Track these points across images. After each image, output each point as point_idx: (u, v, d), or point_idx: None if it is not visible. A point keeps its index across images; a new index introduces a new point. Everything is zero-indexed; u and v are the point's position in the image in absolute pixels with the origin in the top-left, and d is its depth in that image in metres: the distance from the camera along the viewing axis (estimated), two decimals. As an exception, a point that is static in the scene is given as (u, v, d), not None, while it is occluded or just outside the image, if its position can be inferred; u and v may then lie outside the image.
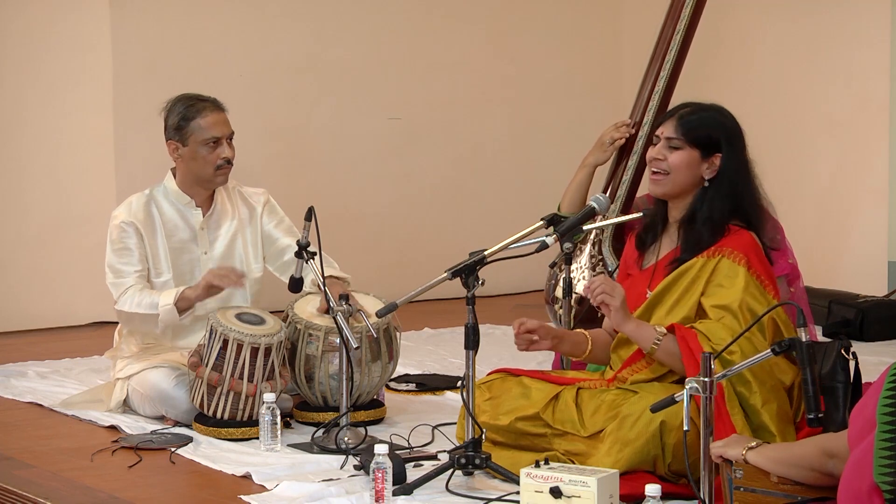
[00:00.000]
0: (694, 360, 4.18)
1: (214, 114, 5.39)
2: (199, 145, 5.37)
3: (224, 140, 5.38)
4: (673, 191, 4.46)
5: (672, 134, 4.44)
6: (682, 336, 4.27)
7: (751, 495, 3.67)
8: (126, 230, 5.39)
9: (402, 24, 8.54)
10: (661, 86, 5.88)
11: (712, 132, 4.43)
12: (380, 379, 5.23)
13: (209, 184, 5.44)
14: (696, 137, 4.42)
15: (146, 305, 5.29)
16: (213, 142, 5.36)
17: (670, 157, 4.44)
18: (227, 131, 5.40)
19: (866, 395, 3.31)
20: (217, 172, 5.40)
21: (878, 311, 7.17)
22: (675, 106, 4.60)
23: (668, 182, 4.44)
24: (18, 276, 7.60)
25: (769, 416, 4.21)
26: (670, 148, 4.44)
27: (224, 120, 5.41)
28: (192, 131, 5.37)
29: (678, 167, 4.43)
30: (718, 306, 4.31)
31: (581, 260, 5.84)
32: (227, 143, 5.40)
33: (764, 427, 4.20)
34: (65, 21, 7.61)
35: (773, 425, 4.20)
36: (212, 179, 5.42)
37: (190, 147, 5.37)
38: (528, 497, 3.94)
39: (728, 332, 4.23)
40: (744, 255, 4.34)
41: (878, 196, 7.88)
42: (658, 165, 4.45)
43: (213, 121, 5.37)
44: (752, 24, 8.48)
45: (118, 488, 4.45)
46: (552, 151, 8.84)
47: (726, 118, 4.49)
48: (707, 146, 4.42)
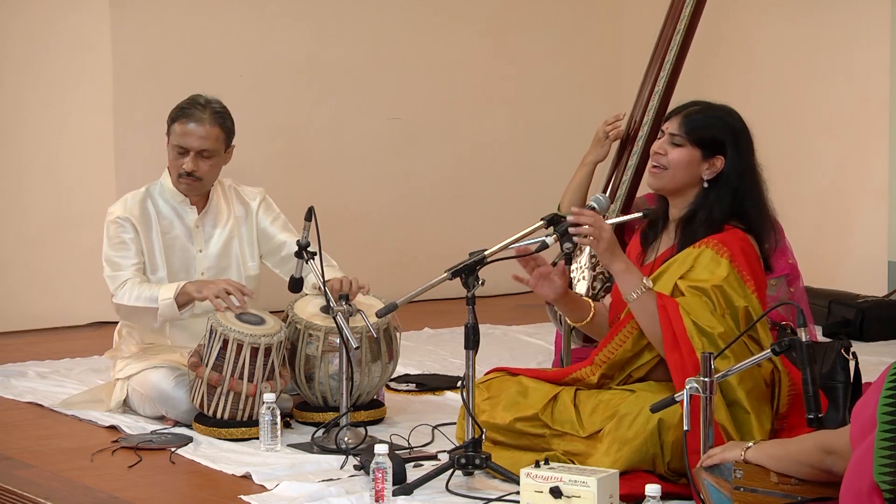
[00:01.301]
0: (671, 331, 4.19)
1: (195, 124, 5.31)
2: (170, 147, 5.38)
3: (192, 153, 5.32)
4: (668, 186, 4.46)
5: (676, 130, 4.44)
6: (663, 304, 4.27)
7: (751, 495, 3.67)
8: (123, 225, 5.38)
9: (402, 24, 8.53)
10: (661, 86, 5.88)
11: (717, 134, 4.43)
12: (380, 379, 5.23)
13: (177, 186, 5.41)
14: (699, 137, 4.42)
15: (145, 299, 5.28)
16: (180, 150, 5.34)
17: (671, 153, 4.44)
18: (196, 145, 5.31)
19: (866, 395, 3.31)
20: (179, 180, 5.38)
21: (878, 311, 7.17)
22: (686, 102, 4.59)
23: (664, 177, 4.45)
24: (18, 276, 7.59)
25: (743, 392, 4.20)
26: (672, 144, 4.44)
27: (204, 134, 5.31)
28: (171, 132, 5.37)
29: (677, 164, 4.43)
30: (694, 287, 4.30)
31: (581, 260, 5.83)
32: (194, 157, 5.31)
33: (738, 403, 4.20)
34: (65, 21, 7.60)
35: (748, 403, 4.20)
36: (177, 183, 5.40)
37: (168, 146, 5.39)
38: (528, 497, 3.94)
39: (706, 308, 4.23)
40: (728, 249, 4.34)
41: (878, 196, 7.87)
42: (658, 160, 4.46)
43: (187, 130, 5.32)
44: (752, 24, 8.48)
45: (118, 488, 4.45)
46: (552, 151, 8.84)
47: (734, 120, 4.48)
48: (710, 147, 4.42)
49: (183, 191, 5.40)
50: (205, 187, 5.42)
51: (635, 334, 4.38)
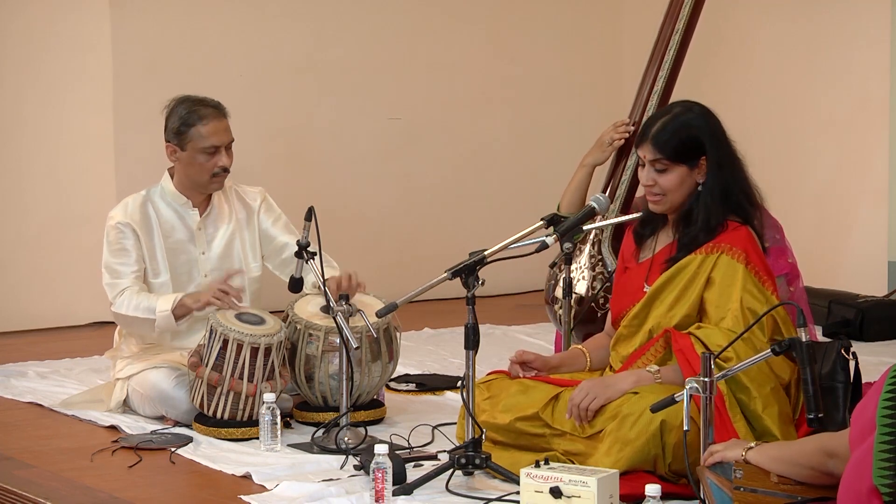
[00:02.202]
0: (691, 370, 4.18)
1: (215, 121, 5.34)
2: (197, 152, 5.35)
3: (223, 149, 5.35)
4: (673, 208, 4.45)
5: (653, 156, 4.40)
6: (679, 348, 4.26)
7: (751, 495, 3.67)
8: (123, 231, 5.38)
9: (402, 24, 8.54)
10: (660, 85, 5.88)
11: (688, 137, 4.38)
12: (380, 379, 5.23)
13: (204, 189, 5.42)
14: (676, 152, 4.37)
15: (143, 309, 5.28)
16: (211, 150, 5.34)
17: (660, 180, 4.41)
18: (226, 140, 5.36)
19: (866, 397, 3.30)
20: (213, 180, 5.38)
21: (878, 311, 7.17)
22: (644, 122, 4.53)
23: (666, 202, 4.43)
24: (18, 276, 7.60)
25: (771, 420, 4.20)
26: (657, 171, 4.41)
27: (225, 128, 5.37)
28: (191, 138, 5.34)
29: (671, 188, 4.41)
30: (719, 306, 4.30)
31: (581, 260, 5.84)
32: (226, 152, 5.36)
33: (767, 432, 4.19)
34: (65, 21, 7.61)
35: (777, 429, 4.19)
36: (207, 186, 5.40)
37: (188, 153, 5.35)
38: (528, 497, 3.94)
39: (725, 337, 4.22)
40: (742, 252, 4.34)
41: (877, 196, 7.88)
42: (651, 190, 4.44)
43: (213, 129, 5.34)
44: (752, 24, 8.48)
45: (118, 488, 4.45)
46: (552, 151, 8.84)
47: (696, 114, 4.43)
48: (691, 155, 4.38)
49: (214, 189, 5.42)
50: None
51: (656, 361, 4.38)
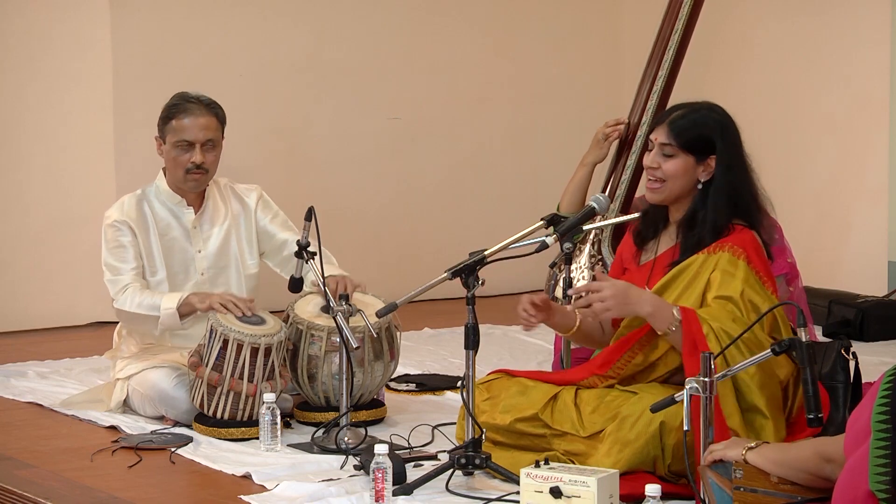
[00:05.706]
0: (690, 336, 4.16)
1: (195, 117, 5.31)
2: (172, 146, 5.34)
3: (198, 145, 5.30)
4: (669, 198, 4.45)
5: (665, 140, 4.42)
6: (686, 318, 4.22)
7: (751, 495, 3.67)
8: (120, 228, 5.38)
9: (402, 24, 8.53)
10: (660, 85, 5.88)
11: (704, 132, 4.40)
12: (381, 378, 5.24)
13: (182, 186, 5.39)
14: (688, 142, 4.40)
15: (147, 306, 5.28)
16: (184, 144, 5.32)
17: (665, 165, 4.42)
18: (201, 137, 5.31)
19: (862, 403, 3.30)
20: (187, 177, 5.35)
21: (878, 311, 7.17)
22: (668, 108, 4.58)
23: (664, 190, 4.44)
24: (18, 276, 7.59)
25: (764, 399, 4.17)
26: (664, 156, 4.42)
27: (204, 125, 5.32)
28: (169, 130, 5.34)
29: (673, 175, 4.41)
30: (721, 297, 4.30)
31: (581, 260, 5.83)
32: (201, 149, 5.31)
33: (755, 408, 4.17)
34: (65, 21, 7.60)
35: (766, 409, 4.18)
36: (183, 182, 5.37)
37: (167, 146, 5.36)
38: (528, 497, 3.94)
39: (729, 316, 4.22)
40: (743, 251, 4.34)
41: (877, 196, 7.88)
42: (653, 174, 4.44)
43: (190, 124, 5.31)
44: (752, 24, 8.48)
45: (118, 488, 4.46)
46: (552, 151, 8.84)
47: (718, 115, 4.46)
48: (701, 150, 4.40)
49: (190, 188, 5.38)
50: (208, 180, 5.41)
51: (646, 350, 4.37)
